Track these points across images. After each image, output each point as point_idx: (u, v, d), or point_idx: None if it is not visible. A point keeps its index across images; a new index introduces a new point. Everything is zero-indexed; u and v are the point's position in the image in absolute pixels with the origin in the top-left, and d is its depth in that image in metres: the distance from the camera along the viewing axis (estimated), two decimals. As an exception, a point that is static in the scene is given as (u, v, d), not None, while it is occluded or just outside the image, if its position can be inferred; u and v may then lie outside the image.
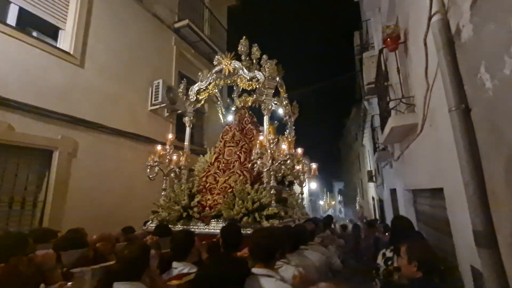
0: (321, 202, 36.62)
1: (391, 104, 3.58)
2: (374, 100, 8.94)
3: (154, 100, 5.53)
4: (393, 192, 7.22)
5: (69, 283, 1.42)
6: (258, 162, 3.12)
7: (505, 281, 1.51)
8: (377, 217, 12.07)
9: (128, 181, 5.02)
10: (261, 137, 3.28)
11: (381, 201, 11.04)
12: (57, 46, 4.17)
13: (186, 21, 6.56)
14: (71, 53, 4.21)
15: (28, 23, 3.95)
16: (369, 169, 13.73)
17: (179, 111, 6.08)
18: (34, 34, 3.96)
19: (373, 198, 14.68)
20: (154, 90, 5.56)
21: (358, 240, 7.86)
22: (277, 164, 3.14)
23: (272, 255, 1.66)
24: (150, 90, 5.63)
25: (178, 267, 1.89)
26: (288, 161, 3.18)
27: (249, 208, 2.96)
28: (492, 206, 1.60)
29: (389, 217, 8.20)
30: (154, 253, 1.92)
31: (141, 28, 5.66)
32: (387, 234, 4.12)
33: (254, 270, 1.58)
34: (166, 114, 6.07)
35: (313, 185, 25.99)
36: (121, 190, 4.84)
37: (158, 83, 5.54)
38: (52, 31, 4.23)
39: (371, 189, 14.82)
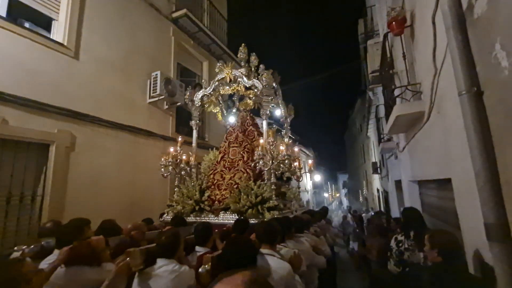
0: (326, 195, 36.57)
1: (396, 92, 3.41)
2: (379, 90, 8.70)
3: (153, 93, 5.42)
4: (398, 183, 7.07)
5: (128, 258, 1.77)
6: (260, 162, 3.50)
7: (518, 277, 1.40)
8: (382, 208, 11.96)
9: (130, 174, 4.98)
10: (261, 140, 3.66)
11: (386, 193, 10.89)
12: (51, 37, 4.06)
13: (184, 11, 6.38)
14: (65, 44, 4.11)
15: (20, 14, 3.85)
16: (373, 160, 13.54)
17: (179, 103, 5.98)
18: (26, 25, 3.85)
19: (377, 190, 14.53)
20: (152, 82, 5.45)
21: (361, 230, 7.88)
22: (276, 163, 3.55)
23: (274, 239, 2.16)
24: (148, 82, 5.52)
25: (201, 251, 2.37)
26: (286, 161, 3.59)
27: (253, 201, 3.34)
28: (506, 197, 1.48)
29: (394, 208, 8.08)
30: None
31: (137, 18, 5.52)
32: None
33: (261, 250, 2.03)
34: (166, 107, 5.97)
35: (317, 177, 25.87)
36: (123, 183, 4.80)
37: (156, 75, 5.42)
38: (45, 22, 4.12)
39: (376, 181, 14.66)
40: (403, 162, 5.21)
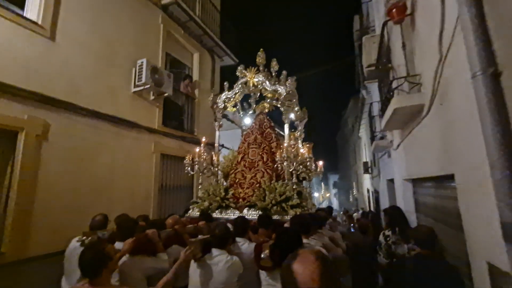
0: (316, 194, 36.64)
1: (394, 84, 3.23)
2: (373, 88, 8.59)
3: (138, 81, 5.09)
4: (390, 183, 6.97)
5: (192, 246, 2.12)
6: (284, 164, 3.71)
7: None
8: (372, 208, 11.94)
9: (110, 168, 4.65)
10: (285, 144, 3.89)
11: (376, 193, 10.85)
12: (23, 15, 3.71)
13: (174, -2, 6.06)
14: (40, 23, 3.76)
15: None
16: (365, 160, 13.52)
17: (166, 94, 5.67)
18: (-4, 0, 3.50)
19: (368, 190, 14.53)
20: (138, 71, 5.12)
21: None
22: (298, 165, 3.78)
23: (308, 230, 2.53)
24: (134, 70, 5.19)
25: (240, 241, 2.60)
26: (308, 163, 3.85)
27: (277, 199, 3.60)
28: (526, 192, 1.29)
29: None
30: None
31: (122, 2, 5.17)
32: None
33: None
34: (152, 98, 5.65)
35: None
36: (101, 177, 4.47)
37: (142, 62, 5.09)
38: (18, -2, 3.77)
39: (367, 181, 14.67)
40: (397, 161, 5.07)
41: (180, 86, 6.90)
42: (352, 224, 7.38)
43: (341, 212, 11.72)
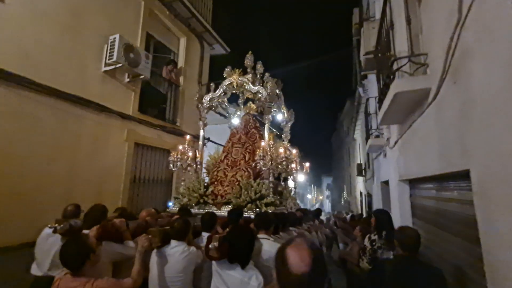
0: (309, 196, 36.33)
1: (395, 66, 2.74)
2: (370, 85, 8.16)
3: (109, 59, 4.53)
4: (384, 185, 6.54)
5: (149, 235, 2.21)
6: (261, 162, 3.80)
7: None
8: (365, 212, 11.55)
9: (69, 155, 4.08)
10: (263, 143, 3.95)
11: (369, 196, 10.45)
12: (-37, -33, 3.14)
13: (157, -28, 5.52)
14: (-17, -22, 3.20)
15: None
16: (358, 162, 13.13)
17: (142, 76, 5.11)
18: None
19: (361, 194, 14.15)
20: (110, 47, 4.56)
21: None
22: (274, 164, 3.83)
23: (268, 226, 2.61)
24: (105, 47, 4.62)
25: (206, 236, 2.59)
26: (284, 163, 3.87)
27: (252, 197, 3.67)
28: None
29: (377, 212, 7.59)
30: None
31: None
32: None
33: (258, 235, 2.45)
34: (127, 80, 5.08)
35: (301, 177, 25.47)
36: (58, 166, 3.89)
37: (114, 38, 4.53)
38: None
39: (360, 184, 14.30)
40: (393, 160, 4.61)
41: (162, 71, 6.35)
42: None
43: (332, 217, 11.41)
